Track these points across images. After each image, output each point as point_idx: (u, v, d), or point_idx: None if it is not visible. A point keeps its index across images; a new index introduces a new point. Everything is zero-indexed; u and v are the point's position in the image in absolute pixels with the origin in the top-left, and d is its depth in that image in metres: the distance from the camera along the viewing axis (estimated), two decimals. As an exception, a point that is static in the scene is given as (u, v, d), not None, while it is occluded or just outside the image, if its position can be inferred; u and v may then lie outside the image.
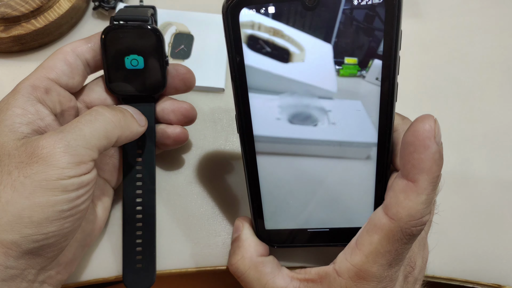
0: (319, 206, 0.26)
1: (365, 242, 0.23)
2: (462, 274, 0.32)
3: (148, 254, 0.30)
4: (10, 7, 0.35)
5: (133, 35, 0.27)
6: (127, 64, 0.28)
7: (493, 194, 0.34)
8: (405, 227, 0.22)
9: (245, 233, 0.28)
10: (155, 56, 0.28)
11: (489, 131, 0.37)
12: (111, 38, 0.27)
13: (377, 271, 0.23)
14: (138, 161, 0.30)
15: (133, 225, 0.30)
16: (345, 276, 0.23)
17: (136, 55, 0.28)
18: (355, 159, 0.25)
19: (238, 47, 0.22)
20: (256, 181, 0.26)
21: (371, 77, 0.23)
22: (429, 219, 0.22)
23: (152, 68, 0.28)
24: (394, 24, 0.21)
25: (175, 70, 0.30)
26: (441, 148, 0.22)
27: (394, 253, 0.22)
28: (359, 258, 0.23)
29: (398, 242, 0.22)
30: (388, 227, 0.22)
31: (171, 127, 0.31)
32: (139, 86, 0.29)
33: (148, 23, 0.28)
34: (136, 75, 0.28)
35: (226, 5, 0.21)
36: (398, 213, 0.22)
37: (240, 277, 0.27)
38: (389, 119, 0.23)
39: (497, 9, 0.41)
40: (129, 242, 0.30)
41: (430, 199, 0.22)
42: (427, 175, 0.21)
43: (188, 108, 0.31)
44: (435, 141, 0.21)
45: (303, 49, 0.23)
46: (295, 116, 0.24)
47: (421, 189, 0.21)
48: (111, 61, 0.28)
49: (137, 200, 0.30)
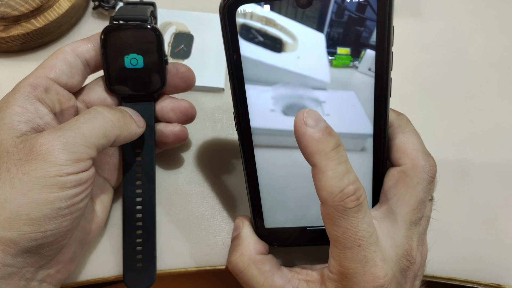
0: (318, 203, 0.26)
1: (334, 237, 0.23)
2: (462, 274, 0.32)
3: (148, 253, 0.30)
4: (10, 6, 0.35)
5: (133, 34, 0.27)
6: (127, 63, 0.28)
7: (493, 193, 0.34)
8: (334, 205, 0.21)
9: (244, 231, 0.28)
10: (154, 55, 0.28)
11: (489, 131, 0.37)
12: (110, 38, 0.27)
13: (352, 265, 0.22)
14: (137, 160, 0.30)
15: (133, 224, 0.30)
16: (338, 277, 0.23)
17: (136, 54, 0.28)
18: (351, 151, 0.25)
19: (235, 45, 0.23)
20: (255, 179, 0.26)
21: (364, 67, 0.23)
22: (355, 187, 0.22)
23: (151, 67, 0.28)
24: (386, 15, 0.21)
25: (175, 69, 0.30)
26: (322, 126, 0.22)
27: (352, 235, 0.22)
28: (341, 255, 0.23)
29: (341, 223, 0.22)
30: (324, 213, 0.22)
31: (170, 125, 0.31)
32: (139, 85, 0.29)
33: (148, 22, 0.28)
34: (135, 74, 0.28)
35: (223, 4, 0.22)
36: (321, 196, 0.22)
37: (239, 274, 0.27)
38: (383, 113, 0.24)
39: (497, 9, 0.41)
40: (129, 242, 0.30)
41: (340, 172, 0.21)
42: (319, 155, 0.22)
43: (187, 106, 0.31)
44: (308, 125, 0.22)
45: (296, 39, 0.23)
46: (289, 107, 0.25)
47: (322, 168, 0.22)
48: (111, 61, 0.28)
49: (137, 200, 0.30)
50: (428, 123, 0.36)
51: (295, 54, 0.23)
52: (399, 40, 0.23)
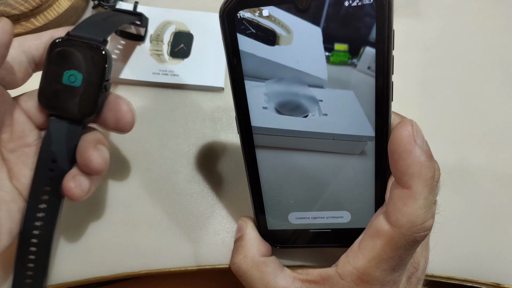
0: (320, 205, 0.26)
1: (367, 247, 0.23)
2: (461, 273, 0.32)
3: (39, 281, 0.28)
4: (10, 5, 0.34)
5: (80, 51, 0.26)
6: (65, 78, 0.26)
7: (492, 193, 0.34)
8: (407, 233, 0.21)
9: (248, 233, 0.28)
10: (94, 77, 0.26)
11: (489, 130, 0.37)
12: (57, 49, 0.26)
13: (380, 275, 0.22)
14: (47, 180, 0.27)
15: (26, 251, 0.27)
16: (348, 279, 0.23)
17: (76, 71, 0.26)
18: (352, 155, 0.24)
19: (235, 49, 0.23)
20: (258, 180, 0.26)
21: (363, 66, 0.22)
22: (432, 223, 0.22)
23: (87, 89, 0.26)
24: (385, 16, 0.21)
25: (114, 102, 0.27)
26: (427, 149, 0.21)
27: (397, 259, 0.22)
28: (361, 262, 0.23)
29: (401, 248, 0.22)
30: (390, 234, 0.22)
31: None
32: (69, 105, 0.26)
33: (100, 44, 0.26)
34: (69, 92, 0.26)
35: (223, 8, 0.22)
36: (398, 220, 0.21)
37: (242, 276, 0.27)
38: (385, 116, 0.23)
39: (497, 9, 0.41)
40: (21, 266, 0.27)
41: (429, 202, 0.21)
42: (418, 179, 0.21)
43: (99, 161, 0.26)
44: (417, 144, 0.21)
45: (291, 31, 0.22)
46: (283, 105, 0.24)
47: (416, 194, 0.21)
48: (50, 72, 0.26)
49: (35, 224, 0.27)
50: (427, 123, 0.36)
51: (294, 54, 0.23)
52: (398, 40, 0.23)
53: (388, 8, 0.21)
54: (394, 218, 0.22)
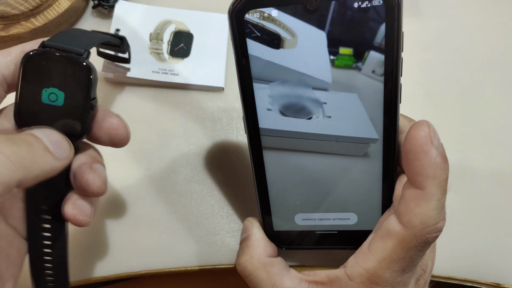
0: (327, 207, 0.26)
1: (378, 248, 0.23)
2: (461, 273, 0.32)
3: None
4: (10, 5, 0.34)
5: (60, 65, 0.23)
6: (44, 97, 0.23)
7: (492, 192, 0.34)
8: (420, 234, 0.21)
9: (254, 233, 0.28)
10: (78, 95, 0.23)
11: (489, 130, 0.37)
12: (32, 64, 0.22)
13: (390, 276, 0.22)
14: (44, 209, 0.24)
15: (43, 277, 0.25)
16: (357, 280, 0.23)
17: (57, 89, 0.23)
18: (358, 156, 0.24)
19: (244, 49, 0.23)
20: (264, 181, 0.26)
21: (368, 69, 0.22)
22: (444, 225, 0.22)
23: (72, 109, 0.23)
24: (394, 20, 0.21)
25: (104, 119, 0.24)
26: (442, 150, 0.21)
27: (408, 260, 0.22)
28: (371, 263, 0.23)
29: (412, 249, 0.22)
30: (402, 234, 0.22)
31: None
32: (54, 127, 0.23)
33: (82, 56, 0.23)
34: (52, 113, 0.23)
35: (232, 8, 0.22)
36: (411, 221, 0.21)
37: (248, 277, 0.27)
38: (393, 118, 0.23)
39: (497, 9, 0.41)
40: None
41: (442, 204, 0.21)
42: (433, 181, 0.21)
43: (97, 184, 0.23)
44: (433, 145, 0.21)
45: (295, 35, 0.22)
46: (287, 107, 0.24)
47: (430, 195, 0.21)
48: (26, 91, 0.23)
49: (45, 251, 0.25)
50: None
51: (299, 57, 0.23)
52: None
53: (398, 9, 0.21)
54: (407, 218, 0.21)
